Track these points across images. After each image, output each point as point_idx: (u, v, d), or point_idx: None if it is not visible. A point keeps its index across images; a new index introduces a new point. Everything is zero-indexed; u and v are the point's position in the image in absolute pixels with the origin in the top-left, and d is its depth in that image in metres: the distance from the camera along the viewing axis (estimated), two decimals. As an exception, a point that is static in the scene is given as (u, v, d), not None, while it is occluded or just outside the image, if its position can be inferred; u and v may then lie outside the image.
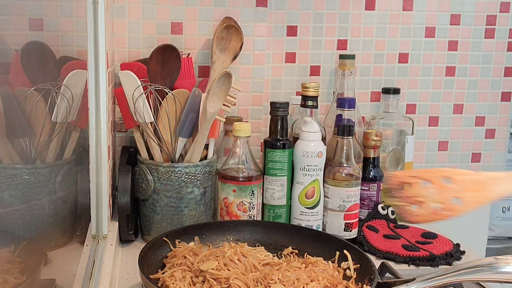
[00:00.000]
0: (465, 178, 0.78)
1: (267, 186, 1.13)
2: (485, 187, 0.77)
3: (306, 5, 1.31)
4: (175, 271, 0.84)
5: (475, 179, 0.78)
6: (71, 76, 0.92)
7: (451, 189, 0.79)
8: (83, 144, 0.96)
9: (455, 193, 0.79)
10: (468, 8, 1.39)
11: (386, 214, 1.19)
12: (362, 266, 0.87)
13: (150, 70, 1.06)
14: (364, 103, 1.38)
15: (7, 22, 0.90)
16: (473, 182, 0.78)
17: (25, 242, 0.83)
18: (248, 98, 1.28)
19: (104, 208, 0.91)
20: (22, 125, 0.90)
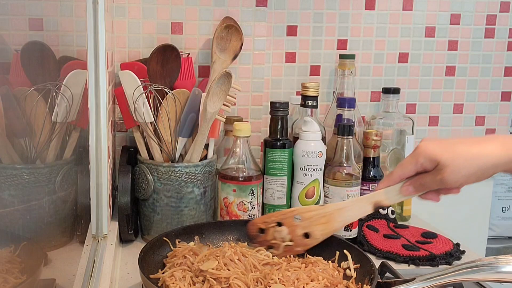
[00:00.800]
0: (312, 214, 0.86)
1: (267, 186, 1.13)
2: (331, 219, 0.86)
3: (306, 5, 1.31)
4: (175, 270, 0.84)
5: (322, 212, 0.86)
6: (71, 76, 0.92)
7: (300, 226, 0.87)
8: (83, 144, 0.96)
9: (303, 229, 0.87)
10: (468, 8, 1.39)
11: (386, 214, 1.19)
12: (362, 265, 0.87)
13: (150, 70, 1.06)
14: (364, 103, 1.38)
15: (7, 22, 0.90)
16: (320, 216, 0.86)
17: (25, 242, 0.83)
18: (248, 98, 1.28)
19: (104, 208, 0.91)
20: (22, 125, 0.90)
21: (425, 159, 0.77)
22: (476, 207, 1.51)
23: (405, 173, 0.80)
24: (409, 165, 0.79)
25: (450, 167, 0.75)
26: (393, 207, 1.23)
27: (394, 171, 0.81)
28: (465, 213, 1.49)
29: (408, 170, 0.80)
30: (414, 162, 0.78)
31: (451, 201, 1.47)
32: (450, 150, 0.75)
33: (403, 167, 0.80)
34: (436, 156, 0.76)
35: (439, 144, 0.77)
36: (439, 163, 0.76)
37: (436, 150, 0.76)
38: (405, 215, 1.27)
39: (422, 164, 0.78)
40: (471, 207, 1.50)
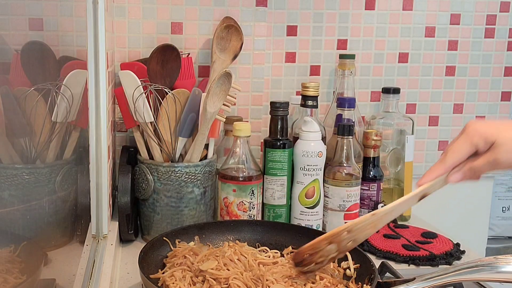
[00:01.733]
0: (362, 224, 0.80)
1: (267, 185, 1.13)
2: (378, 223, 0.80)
3: (306, 5, 1.31)
4: (175, 270, 0.84)
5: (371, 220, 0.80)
6: (71, 76, 0.92)
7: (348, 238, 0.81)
8: (83, 144, 0.96)
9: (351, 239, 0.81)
10: (468, 8, 1.39)
11: (386, 213, 1.19)
12: (362, 265, 0.87)
13: (150, 70, 1.06)
14: (364, 103, 1.38)
15: (7, 22, 0.90)
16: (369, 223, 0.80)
17: (25, 242, 0.83)
18: (248, 98, 1.28)
19: (104, 208, 0.91)
20: (22, 125, 0.90)
21: (480, 139, 0.73)
22: (476, 207, 1.51)
23: (460, 158, 0.75)
24: (463, 148, 0.74)
25: (506, 146, 0.71)
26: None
27: (447, 158, 0.75)
28: (465, 213, 1.49)
29: (463, 155, 0.75)
30: (468, 143, 0.74)
31: (451, 201, 1.48)
32: (505, 129, 0.72)
33: (457, 152, 0.75)
34: (492, 135, 0.72)
35: (491, 124, 0.74)
36: (494, 142, 0.72)
37: (491, 130, 0.72)
38: (405, 215, 1.27)
39: (477, 145, 0.73)
40: (471, 207, 1.50)
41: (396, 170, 1.28)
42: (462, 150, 0.74)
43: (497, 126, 0.73)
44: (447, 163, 0.75)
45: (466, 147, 0.74)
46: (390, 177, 1.28)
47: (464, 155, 0.74)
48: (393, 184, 1.28)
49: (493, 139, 0.72)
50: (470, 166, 0.75)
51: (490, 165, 0.73)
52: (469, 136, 0.73)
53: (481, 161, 0.74)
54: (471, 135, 0.73)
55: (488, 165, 0.73)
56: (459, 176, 0.76)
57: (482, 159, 0.73)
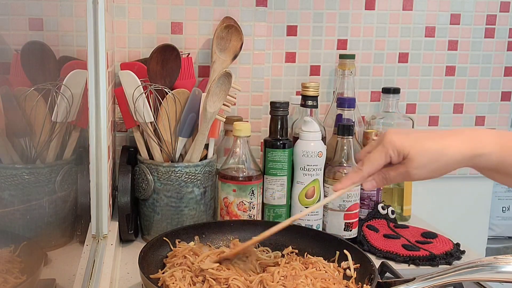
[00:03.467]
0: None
1: (267, 185, 1.13)
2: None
3: (306, 5, 1.31)
4: (175, 270, 0.84)
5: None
6: (71, 76, 0.92)
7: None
8: (83, 144, 0.96)
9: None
10: (468, 8, 1.39)
11: (386, 213, 1.19)
12: (362, 265, 0.87)
13: (150, 70, 1.06)
14: (364, 103, 1.38)
15: (7, 22, 0.90)
16: None
17: (25, 242, 0.83)
18: (248, 98, 1.28)
19: (104, 208, 0.91)
20: (22, 125, 0.90)
21: (394, 152, 0.75)
22: (476, 207, 1.51)
23: (375, 169, 0.78)
24: (378, 158, 0.77)
25: (417, 161, 0.74)
26: (393, 207, 1.23)
27: (364, 167, 0.78)
28: (465, 213, 1.49)
29: (378, 165, 0.77)
30: (383, 155, 0.76)
31: (451, 201, 1.48)
32: (419, 144, 0.74)
33: (373, 162, 0.77)
34: (405, 149, 0.74)
35: (407, 137, 0.76)
36: (407, 156, 0.74)
37: (405, 143, 0.75)
38: (405, 215, 1.27)
39: (391, 157, 0.76)
40: (471, 207, 1.50)
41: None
42: (377, 160, 0.77)
43: (412, 139, 0.75)
44: (363, 172, 0.78)
45: (381, 158, 0.77)
46: (390, 177, 1.28)
47: (379, 166, 0.77)
48: (393, 184, 1.28)
49: (406, 152, 0.74)
50: (384, 176, 0.78)
51: (402, 177, 0.77)
52: (385, 148, 0.76)
53: (394, 172, 0.77)
54: (387, 146, 0.76)
55: (399, 177, 0.77)
56: (373, 184, 0.79)
57: (394, 171, 0.77)
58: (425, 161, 0.74)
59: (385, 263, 0.91)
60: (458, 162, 0.74)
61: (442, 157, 0.74)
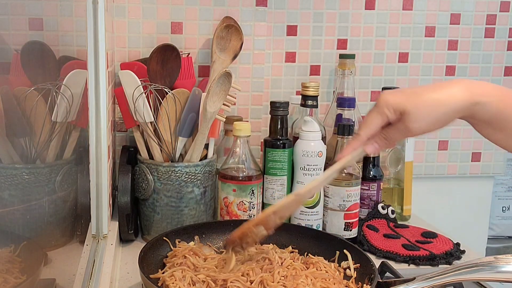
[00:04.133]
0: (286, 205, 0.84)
1: (267, 185, 1.13)
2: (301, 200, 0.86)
3: (306, 5, 1.31)
4: (175, 270, 0.84)
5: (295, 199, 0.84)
6: (71, 75, 0.92)
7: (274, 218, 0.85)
8: (83, 144, 0.96)
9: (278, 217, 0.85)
10: (468, 8, 1.39)
11: (386, 213, 1.19)
12: (362, 265, 0.87)
13: (150, 70, 1.06)
14: (364, 103, 1.38)
15: (7, 22, 0.90)
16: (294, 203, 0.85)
17: (25, 242, 0.83)
18: (248, 98, 1.28)
19: (104, 208, 0.91)
20: (22, 125, 0.90)
21: (390, 110, 0.74)
22: (476, 207, 1.51)
23: (372, 130, 0.77)
24: (374, 120, 0.76)
25: (415, 114, 0.72)
26: (393, 207, 1.23)
27: (361, 131, 0.77)
28: (465, 212, 1.49)
29: (374, 126, 0.76)
30: (379, 115, 0.75)
31: (451, 201, 1.48)
32: (414, 97, 0.73)
33: (369, 125, 0.76)
34: (400, 104, 0.73)
35: (402, 93, 0.75)
36: (404, 111, 0.73)
37: (400, 99, 0.74)
38: (405, 215, 1.27)
39: (387, 116, 0.75)
40: (471, 207, 1.50)
41: (396, 170, 1.28)
42: (374, 122, 0.76)
43: (407, 94, 0.74)
44: (361, 136, 0.77)
45: (377, 119, 0.76)
46: (390, 177, 1.28)
47: (376, 127, 0.76)
48: (393, 184, 1.28)
49: (402, 107, 0.73)
50: (384, 136, 0.77)
51: (402, 133, 0.75)
52: (380, 108, 0.75)
53: (393, 130, 0.76)
54: (381, 106, 0.75)
55: (399, 133, 0.75)
56: (374, 146, 0.78)
57: (393, 129, 0.76)
58: (423, 113, 0.73)
59: (385, 263, 0.91)
60: (457, 111, 0.73)
61: (440, 107, 0.72)
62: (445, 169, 1.46)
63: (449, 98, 0.72)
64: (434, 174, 1.45)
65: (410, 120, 0.73)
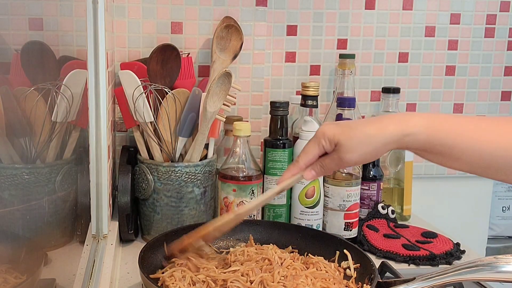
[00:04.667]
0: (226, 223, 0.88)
1: (267, 185, 1.13)
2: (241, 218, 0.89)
3: (306, 4, 1.31)
4: (175, 270, 0.84)
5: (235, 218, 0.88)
6: (71, 75, 0.92)
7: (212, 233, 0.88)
8: (83, 144, 0.96)
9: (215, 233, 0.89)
10: (468, 7, 1.39)
11: (386, 213, 1.19)
12: (362, 265, 0.87)
13: (150, 70, 1.06)
14: (364, 103, 1.38)
15: (7, 22, 0.90)
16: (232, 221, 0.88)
17: (25, 242, 0.83)
18: (248, 98, 1.28)
19: (104, 208, 0.91)
20: (22, 125, 0.90)
21: (325, 141, 0.79)
22: (476, 207, 1.51)
23: (310, 159, 0.82)
24: (312, 149, 0.81)
25: (347, 146, 0.77)
26: (393, 207, 1.23)
27: (299, 158, 0.82)
28: (465, 212, 1.49)
29: (313, 155, 0.81)
30: (316, 145, 0.80)
31: (451, 201, 1.48)
32: (348, 131, 0.78)
33: (307, 153, 0.82)
34: (335, 136, 0.78)
35: (338, 126, 0.79)
36: (337, 143, 0.78)
37: (335, 132, 0.78)
38: (405, 215, 1.27)
39: (323, 146, 0.80)
40: (471, 207, 1.50)
41: (396, 169, 1.28)
42: (312, 151, 0.81)
43: (342, 127, 0.79)
44: (300, 163, 0.82)
45: (314, 149, 0.81)
46: (390, 177, 1.28)
47: (314, 156, 0.81)
48: (393, 184, 1.28)
49: (336, 139, 0.78)
50: (320, 164, 0.82)
51: (336, 163, 0.80)
52: (317, 139, 0.80)
53: (328, 160, 0.81)
54: (319, 137, 0.80)
55: (334, 163, 0.80)
56: (312, 173, 0.83)
57: (328, 158, 0.81)
58: (354, 145, 0.77)
59: (385, 262, 0.91)
60: (387, 143, 0.77)
61: (370, 139, 0.77)
62: (445, 169, 1.45)
63: (380, 132, 0.76)
64: (434, 174, 1.45)
65: (343, 151, 0.78)
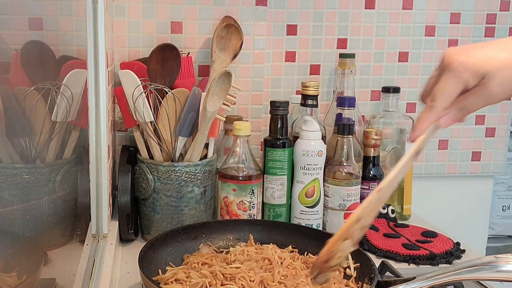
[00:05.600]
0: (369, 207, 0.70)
1: (267, 185, 1.13)
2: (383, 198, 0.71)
3: (306, 4, 1.31)
4: (176, 271, 0.84)
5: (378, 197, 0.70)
6: (71, 75, 0.91)
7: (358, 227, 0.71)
8: (83, 144, 0.96)
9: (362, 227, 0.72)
10: (468, 7, 1.39)
11: (386, 213, 1.19)
12: (362, 265, 0.87)
13: (150, 69, 1.06)
14: (364, 102, 1.38)
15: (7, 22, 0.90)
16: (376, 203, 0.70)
17: (25, 242, 0.83)
18: (248, 97, 1.28)
19: (104, 208, 0.91)
20: (22, 124, 0.90)
21: (469, 74, 0.64)
22: (476, 206, 1.51)
23: (450, 99, 0.66)
24: (452, 87, 0.65)
25: (499, 77, 0.63)
26: (393, 206, 1.23)
27: (437, 102, 0.66)
28: (465, 212, 1.49)
29: (453, 94, 0.66)
30: (456, 81, 0.65)
31: (451, 201, 1.48)
32: (496, 58, 0.64)
33: (447, 93, 0.66)
34: (482, 67, 0.63)
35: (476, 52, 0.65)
36: (486, 75, 0.64)
37: (479, 62, 0.64)
38: (405, 214, 1.27)
39: (466, 81, 0.64)
40: (471, 206, 1.50)
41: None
42: (452, 90, 0.66)
43: (484, 55, 0.65)
44: (438, 107, 0.67)
45: (455, 86, 0.65)
46: (390, 176, 1.28)
47: (454, 95, 0.66)
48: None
49: (484, 70, 0.64)
50: (462, 105, 0.67)
51: (484, 100, 0.66)
52: (457, 72, 0.64)
53: (473, 98, 0.66)
54: (458, 70, 0.64)
55: (481, 100, 0.66)
56: (450, 118, 0.68)
57: (474, 96, 0.65)
58: (507, 76, 0.64)
59: (385, 262, 0.91)
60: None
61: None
62: (445, 169, 1.45)
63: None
64: (434, 174, 1.45)
65: (495, 84, 0.63)
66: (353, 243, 0.71)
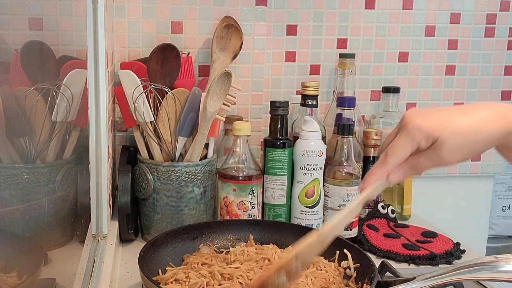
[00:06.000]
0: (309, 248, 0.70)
1: (267, 185, 1.13)
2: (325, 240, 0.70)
3: (306, 4, 1.31)
4: (176, 272, 0.84)
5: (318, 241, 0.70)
6: (71, 75, 0.91)
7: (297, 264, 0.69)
8: (83, 144, 0.96)
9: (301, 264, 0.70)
10: (468, 7, 1.39)
11: (386, 213, 1.19)
12: (362, 265, 0.87)
13: (150, 69, 1.06)
14: (364, 102, 1.38)
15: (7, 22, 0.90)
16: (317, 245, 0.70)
17: (25, 242, 0.83)
18: (248, 97, 1.28)
19: (104, 208, 0.91)
20: (22, 124, 0.90)
21: (422, 137, 0.66)
22: (476, 206, 1.51)
23: (402, 159, 0.68)
24: (404, 147, 0.67)
25: (449, 144, 0.65)
26: (393, 206, 1.23)
27: (389, 158, 0.68)
28: (465, 212, 1.49)
29: (404, 155, 0.67)
30: (409, 142, 0.66)
31: (451, 201, 1.48)
32: (449, 124, 0.65)
33: (398, 152, 0.67)
34: (435, 131, 0.65)
35: (433, 117, 0.66)
36: (437, 139, 0.65)
37: (433, 125, 0.65)
38: (405, 214, 1.27)
39: (418, 143, 0.66)
40: (471, 206, 1.50)
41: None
42: (404, 149, 0.67)
43: (440, 119, 0.66)
44: (389, 164, 0.68)
45: (408, 147, 0.67)
46: (390, 177, 1.28)
47: (405, 155, 0.68)
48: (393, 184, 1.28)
49: (436, 135, 0.65)
50: (412, 164, 0.68)
51: (433, 163, 0.67)
52: (411, 134, 0.66)
53: (424, 159, 0.67)
54: (412, 131, 0.66)
55: (432, 163, 0.67)
56: (401, 175, 0.69)
57: (425, 158, 0.67)
58: (459, 143, 0.65)
59: (385, 262, 0.91)
60: (493, 141, 0.66)
61: (477, 136, 0.65)
62: (445, 169, 1.45)
63: (485, 126, 0.65)
64: (434, 174, 1.45)
65: (445, 150, 0.65)
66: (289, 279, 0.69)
